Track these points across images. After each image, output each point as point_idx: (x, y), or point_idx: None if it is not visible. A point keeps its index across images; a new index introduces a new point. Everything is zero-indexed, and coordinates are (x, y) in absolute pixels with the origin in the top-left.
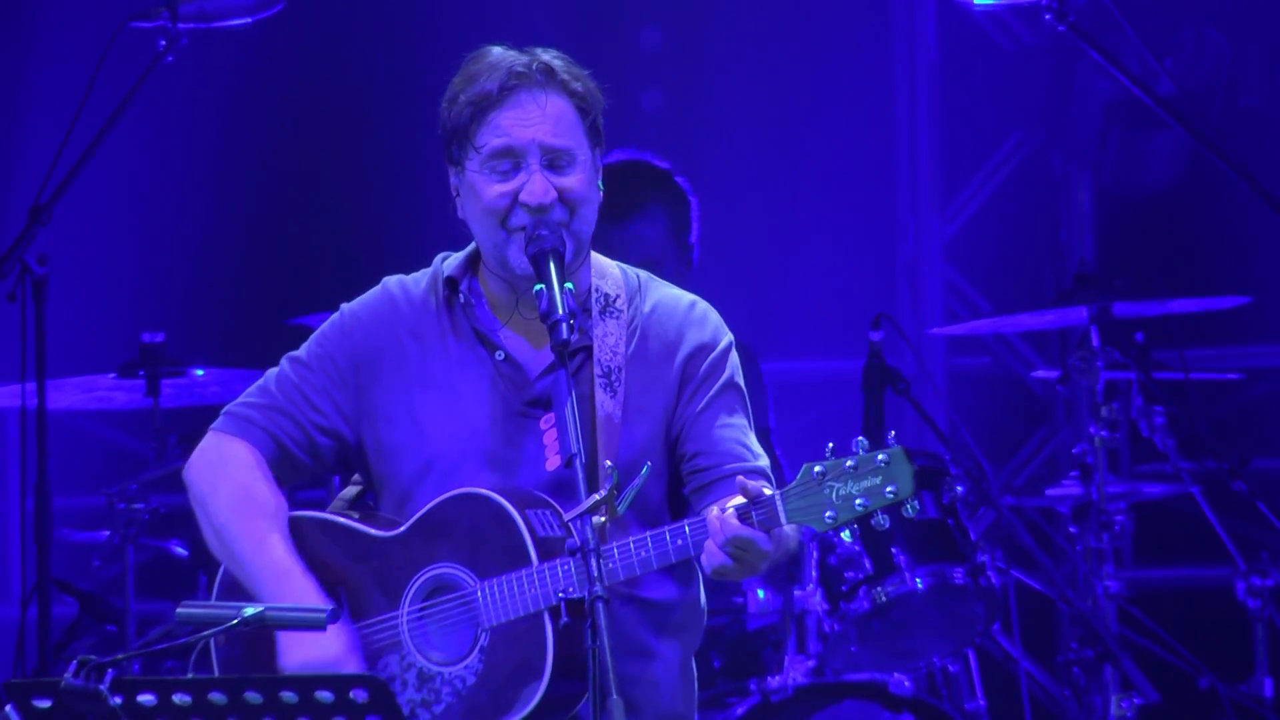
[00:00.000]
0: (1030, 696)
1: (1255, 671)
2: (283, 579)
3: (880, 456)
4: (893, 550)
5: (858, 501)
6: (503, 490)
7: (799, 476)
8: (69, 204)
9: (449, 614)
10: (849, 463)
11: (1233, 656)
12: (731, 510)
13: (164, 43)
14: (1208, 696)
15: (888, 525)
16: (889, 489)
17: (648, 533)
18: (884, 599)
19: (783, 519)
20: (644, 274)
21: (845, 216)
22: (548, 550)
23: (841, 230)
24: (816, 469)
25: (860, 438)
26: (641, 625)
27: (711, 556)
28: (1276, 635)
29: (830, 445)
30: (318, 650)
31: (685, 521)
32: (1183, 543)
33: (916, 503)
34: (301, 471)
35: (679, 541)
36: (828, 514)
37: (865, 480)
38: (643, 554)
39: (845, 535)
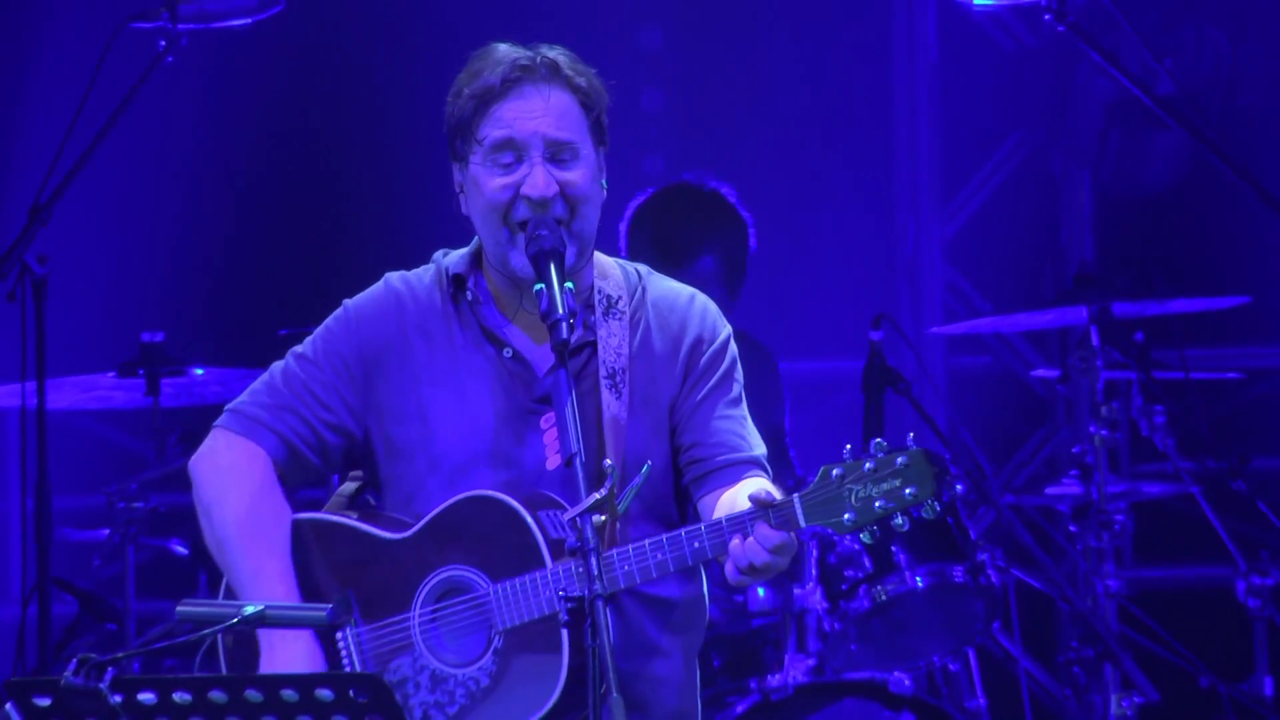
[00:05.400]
0: (1030, 696)
1: (1255, 671)
2: None
3: (900, 458)
4: (892, 549)
5: (877, 504)
6: (514, 492)
7: (817, 479)
8: (69, 204)
9: (462, 616)
10: (867, 465)
11: (1233, 656)
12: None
13: (164, 43)
14: (1208, 696)
15: (908, 527)
16: (909, 490)
17: (664, 535)
18: (884, 598)
19: (801, 521)
20: (643, 268)
21: (845, 216)
22: (561, 552)
23: (841, 230)
24: (834, 471)
25: (879, 439)
26: (649, 623)
27: (743, 557)
28: (1276, 635)
29: (848, 446)
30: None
31: (701, 524)
32: (1183, 542)
33: (937, 504)
34: (309, 472)
35: (696, 544)
36: (847, 516)
37: (885, 483)
38: (659, 556)
39: (865, 537)
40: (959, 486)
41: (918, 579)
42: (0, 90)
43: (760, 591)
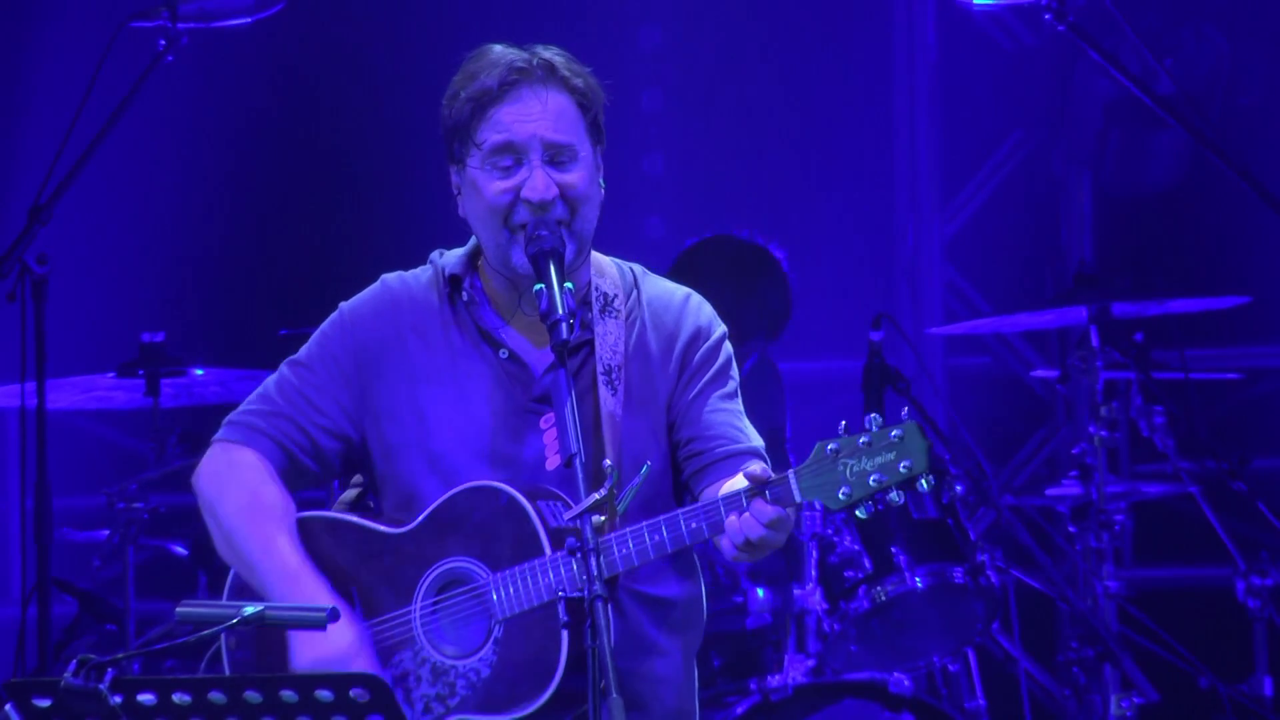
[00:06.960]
0: (1030, 696)
1: (1255, 671)
2: (292, 580)
3: (894, 432)
4: (892, 549)
5: (872, 478)
6: (512, 483)
7: (812, 454)
8: (69, 204)
9: (462, 607)
10: (863, 439)
11: (1233, 656)
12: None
13: (164, 42)
14: (1208, 696)
15: (903, 501)
16: (903, 464)
17: (660, 517)
18: (884, 598)
19: (797, 496)
20: (638, 268)
21: (845, 216)
22: (560, 540)
23: (841, 230)
24: (830, 446)
25: (874, 414)
26: (648, 622)
27: (739, 532)
28: (1276, 635)
29: (844, 423)
30: (327, 648)
31: (698, 505)
32: (1183, 543)
33: (931, 478)
34: (307, 478)
35: (693, 524)
36: (842, 490)
37: (879, 456)
38: (656, 538)
39: (860, 513)
40: (959, 487)
41: (917, 579)
42: (0, 90)
43: (760, 592)
